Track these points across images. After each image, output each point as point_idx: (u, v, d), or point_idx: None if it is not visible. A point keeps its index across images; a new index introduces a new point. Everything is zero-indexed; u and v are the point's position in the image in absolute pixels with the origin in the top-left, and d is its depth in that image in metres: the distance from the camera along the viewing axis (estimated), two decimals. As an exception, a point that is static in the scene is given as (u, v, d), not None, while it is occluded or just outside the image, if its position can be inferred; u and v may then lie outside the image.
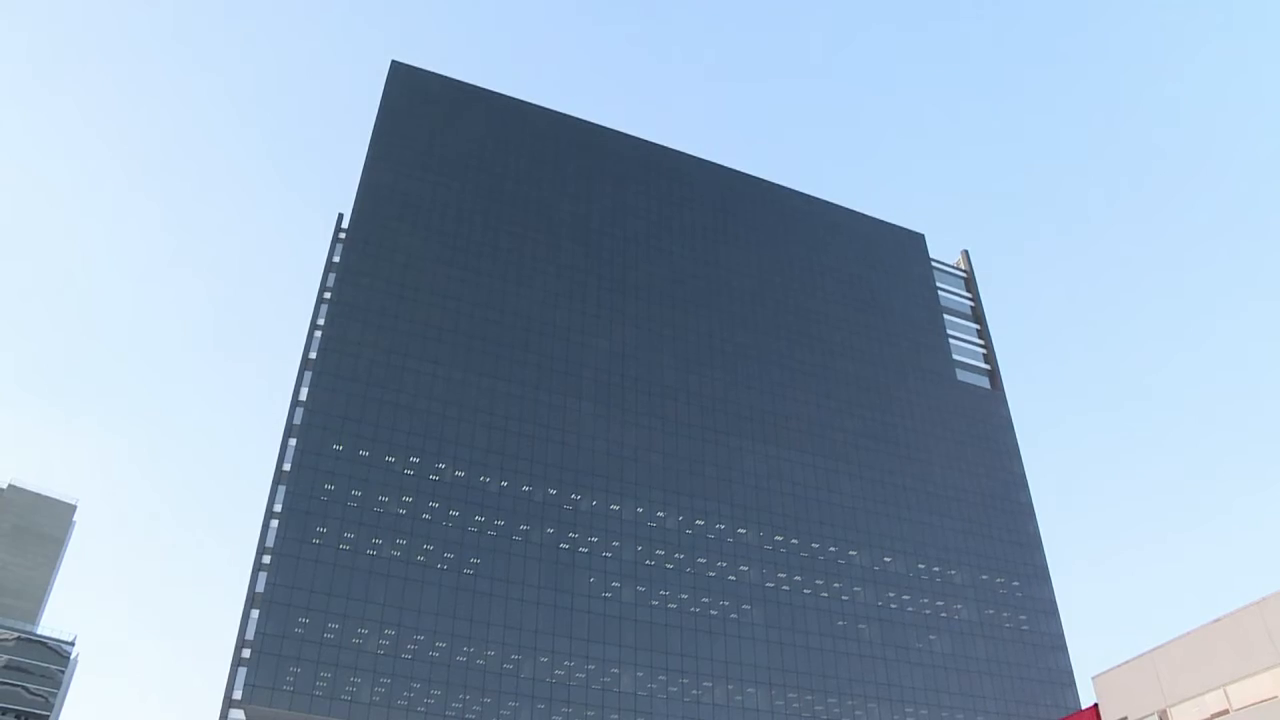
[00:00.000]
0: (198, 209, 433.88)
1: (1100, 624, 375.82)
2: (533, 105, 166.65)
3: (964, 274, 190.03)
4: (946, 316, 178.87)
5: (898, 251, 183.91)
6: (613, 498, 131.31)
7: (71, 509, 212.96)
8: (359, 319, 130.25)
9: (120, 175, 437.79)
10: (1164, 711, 68.85)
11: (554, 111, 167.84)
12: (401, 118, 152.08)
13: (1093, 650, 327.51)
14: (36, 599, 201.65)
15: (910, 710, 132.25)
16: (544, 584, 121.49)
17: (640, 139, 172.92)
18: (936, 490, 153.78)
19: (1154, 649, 70.57)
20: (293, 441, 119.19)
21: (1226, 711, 63.94)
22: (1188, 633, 68.22)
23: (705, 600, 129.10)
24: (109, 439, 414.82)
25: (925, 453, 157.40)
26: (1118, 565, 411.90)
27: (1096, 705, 76.93)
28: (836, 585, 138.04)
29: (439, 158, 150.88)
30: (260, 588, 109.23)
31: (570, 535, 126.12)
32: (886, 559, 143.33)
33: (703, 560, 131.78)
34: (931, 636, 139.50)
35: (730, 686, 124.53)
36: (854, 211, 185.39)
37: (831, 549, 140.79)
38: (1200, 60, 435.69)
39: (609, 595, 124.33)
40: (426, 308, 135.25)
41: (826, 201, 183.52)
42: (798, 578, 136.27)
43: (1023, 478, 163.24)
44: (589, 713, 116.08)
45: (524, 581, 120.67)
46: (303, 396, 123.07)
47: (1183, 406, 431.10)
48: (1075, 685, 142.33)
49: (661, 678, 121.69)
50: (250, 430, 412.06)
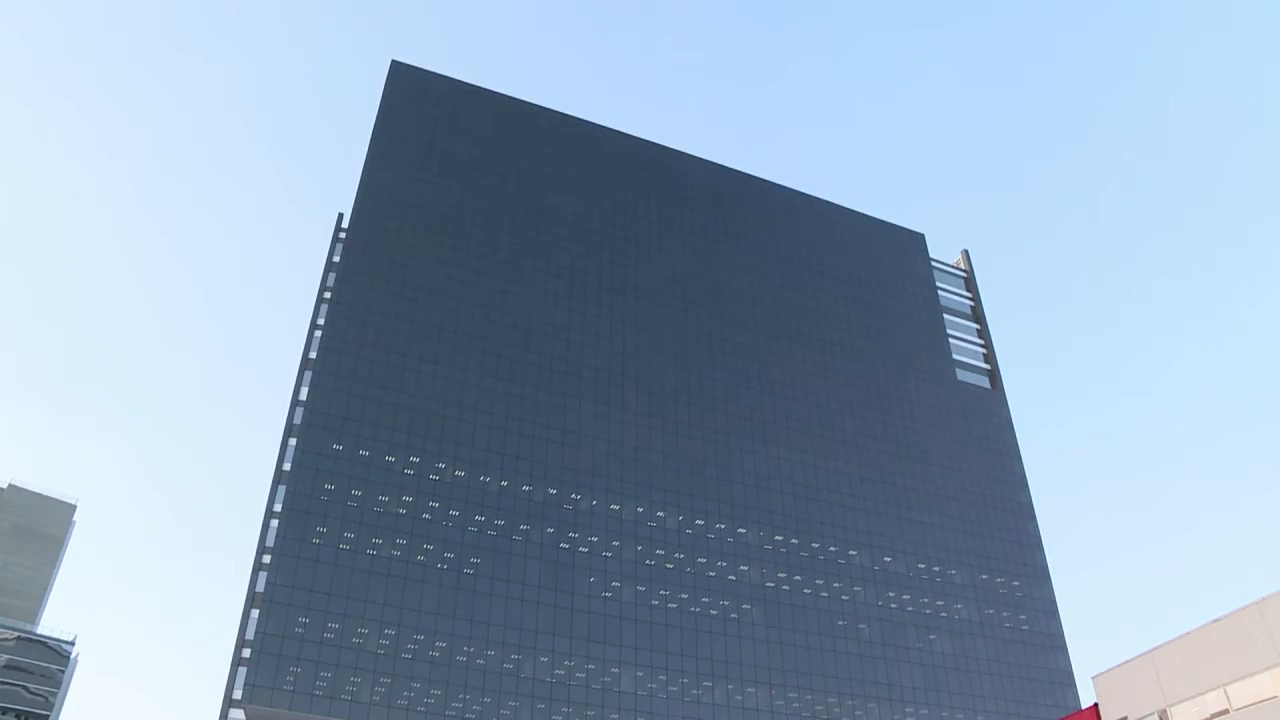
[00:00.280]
0: (198, 209, 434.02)
1: (1100, 624, 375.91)
2: (533, 105, 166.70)
3: (964, 274, 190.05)
4: (946, 316, 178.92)
5: (898, 251, 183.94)
6: (613, 497, 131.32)
7: (71, 509, 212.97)
8: (359, 319, 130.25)
9: (120, 175, 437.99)
10: (1164, 711, 68.86)
11: (554, 111, 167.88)
12: (402, 118, 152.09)
13: (1093, 650, 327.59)
14: (36, 599, 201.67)
15: (910, 710, 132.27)
16: (544, 584, 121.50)
17: (641, 139, 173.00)
18: (936, 490, 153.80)
19: (1154, 649, 70.55)
20: (293, 441, 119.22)
21: (1226, 711, 63.94)
22: (1188, 632, 68.20)
23: (705, 600, 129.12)
24: (109, 439, 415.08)
25: (925, 453, 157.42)
26: (1118, 565, 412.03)
27: (1096, 705, 76.97)
28: (836, 585, 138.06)
29: (439, 158, 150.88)
30: (260, 587, 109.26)
31: (570, 535, 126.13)
32: (886, 559, 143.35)
33: (703, 560, 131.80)
34: (931, 636, 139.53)
35: (730, 686, 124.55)
36: (854, 211, 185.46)
37: (831, 549, 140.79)
38: (1201, 61, 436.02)
39: (609, 595, 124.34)
40: (427, 307, 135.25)
41: (827, 201, 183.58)
42: (798, 577, 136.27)
43: (1022, 478, 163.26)
44: (589, 712, 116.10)
45: (524, 581, 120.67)
46: (303, 396, 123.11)
47: (1183, 407, 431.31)
48: (1075, 685, 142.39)
49: (661, 677, 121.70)
50: (250, 430, 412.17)
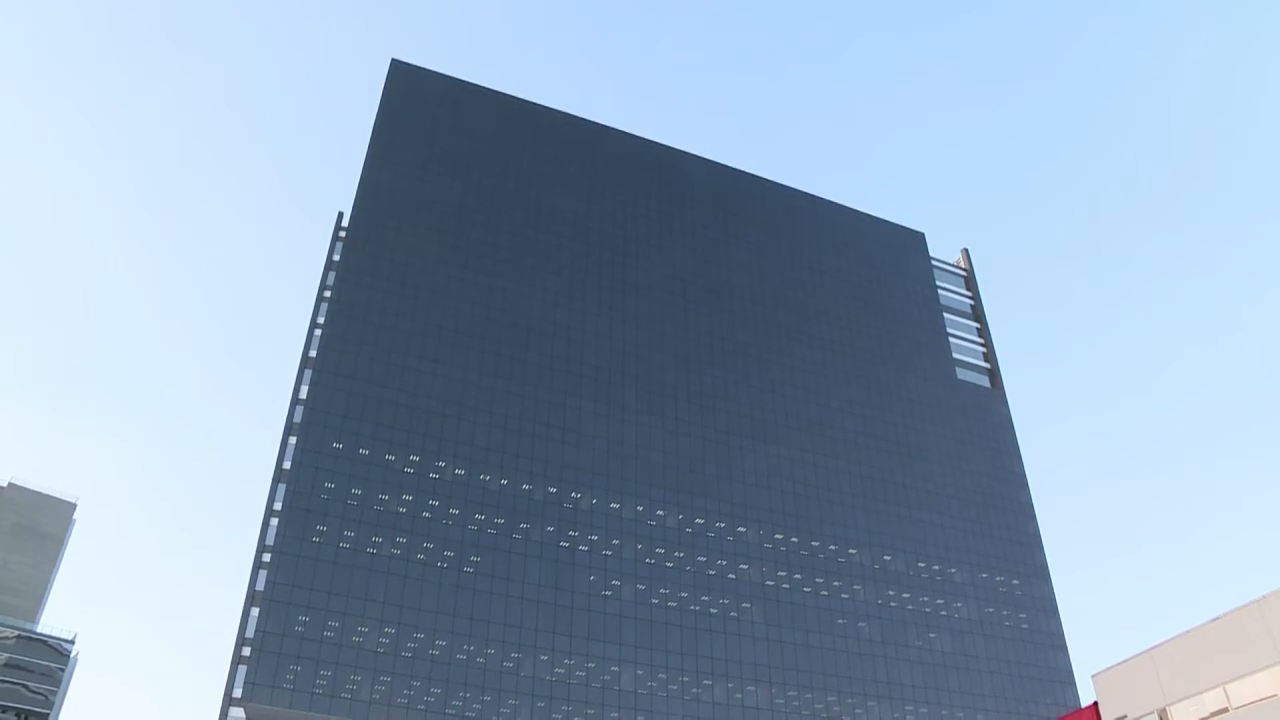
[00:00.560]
0: (197, 208, 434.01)
1: (1100, 623, 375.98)
2: (533, 104, 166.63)
3: (964, 273, 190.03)
4: (946, 315, 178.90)
5: (898, 250, 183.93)
6: (613, 496, 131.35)
7: (71, 507, 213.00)
8: (359, 318, 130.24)
9: (119, 175, 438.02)
10: (1163, 710, 68.87)
11: (554, 110, 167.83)
12: (402, 116, 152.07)
13: (1093, 649, 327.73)
14: (37, 597, 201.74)
15: (910, 708, 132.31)
16: (544, 582, 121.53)
17: (641, 138, 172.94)
18: (936, 489, 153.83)
19: (1154, 647, 70.56)
20: (293, 440, 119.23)
21: (1226, 710, 63.95)
22: (1187, 631, 68.22)
23: (705, 598, 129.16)
24: (109, 438, 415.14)
25: (925, 451, 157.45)
26: (1118, 564, 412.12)
27: (1096, 704, 77.01)
28: (836, 583, 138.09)
29: (439, 156, 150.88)
30: (260, 586, 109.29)
31: (570, 533, 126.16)
32: (886, 557, 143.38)
33: (702, 558, 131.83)
34: (931, 635, 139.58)
35: (730, 684, 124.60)
36: (854, 210, 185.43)
37: (831, 547, 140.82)
38: (1201, 61, 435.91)
39: (609, 593, 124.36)
40: (427, 306, 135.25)
41: (827, 200, 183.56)
42: (797, 576, 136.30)
43: (1022, 477, 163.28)
44: (589, 711, 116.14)
45: (524, 580, 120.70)
46: (303, 395, 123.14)
47: (1183, 406, 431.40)
48: (1075, 684, 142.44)
49: (661, 676, 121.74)
50: (250, 429, 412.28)
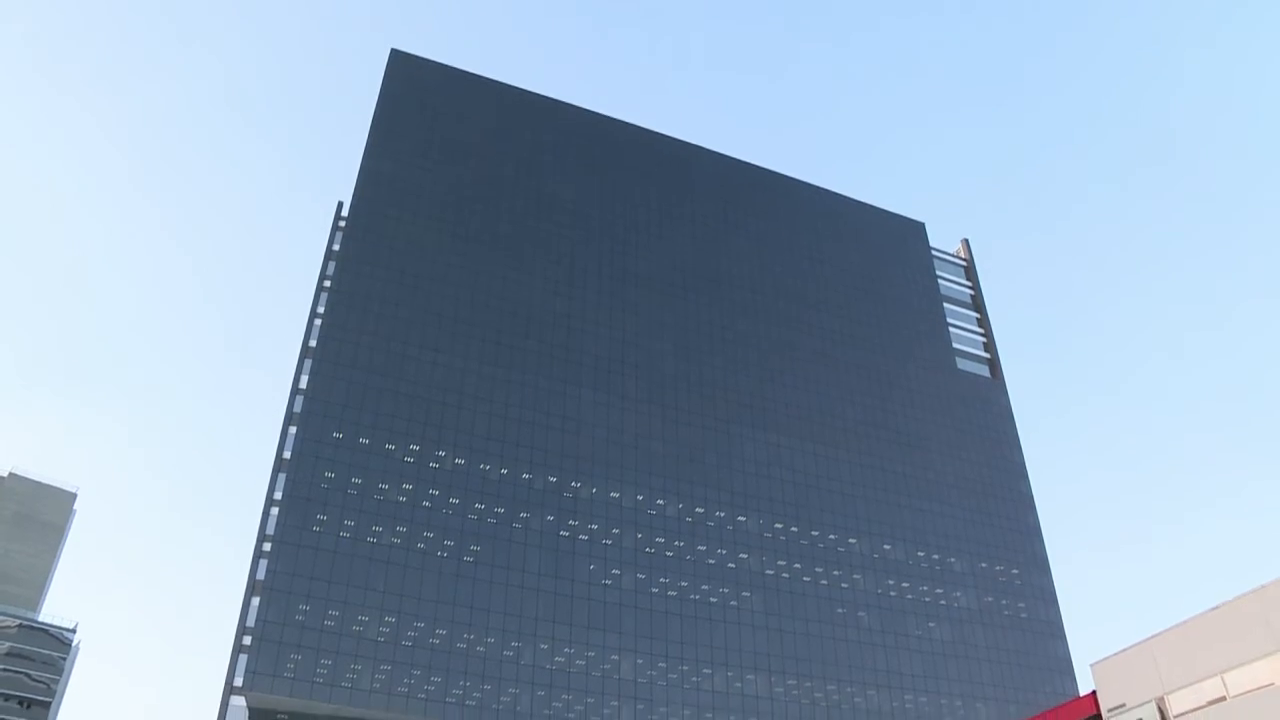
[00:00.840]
0: (197, 198, 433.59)
1: (1099, 612, 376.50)
2: (533, 94, 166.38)
3: (964, 263, 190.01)
4: (947, 305, 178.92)
5: (898, 240, 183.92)
6: (612, 485, 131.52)
7: (72, 497, 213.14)
8: (359, 307, 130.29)
9: (117, 165, 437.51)
10: (1161, 699, 68.97)
11: (554, 100, 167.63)
12: (401, 106, 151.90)
13: (1091, 638, 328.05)
14: (38, 586, 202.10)
15: (909, 697, 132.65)
16: (544, 571, 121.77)
17: (641, 127, 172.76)
18: (936, 479, 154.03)
19: (1152, 636, 70.58)
20: (293, 429, 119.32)
21: (1223, 698, 64.03)
22: (1186, 620, 68.22)
23: (705, 588, 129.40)
24: (109, 428, 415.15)
25: (925, 441, 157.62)
26: (1117, 553, 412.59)
27: (1094, 692, 77.19)
28: (836, 573, 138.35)
29: (439, 146, 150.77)
30: (261, 575, 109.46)
31: (570, 523, 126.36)
32: (886, 546, 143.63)
33: (702, 548, 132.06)
34: (931, 624, 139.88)
35: (730, 673, 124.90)
36: (855, 200, 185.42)
37: (831, 536, 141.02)
38: (1203, 53, 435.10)
39: (609, 582, 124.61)
40: (426, 295, 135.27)
41: (827, 190, 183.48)
42: (797, 565, 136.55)
43: (1022, 467, 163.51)
44: (588, 699, 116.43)
45: (524, 569, 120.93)
46: (303, 384, 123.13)
47: (1184, 395, 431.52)
48: (1074, 673, 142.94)
49: (661, 664, 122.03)
50: (250, 418, 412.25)
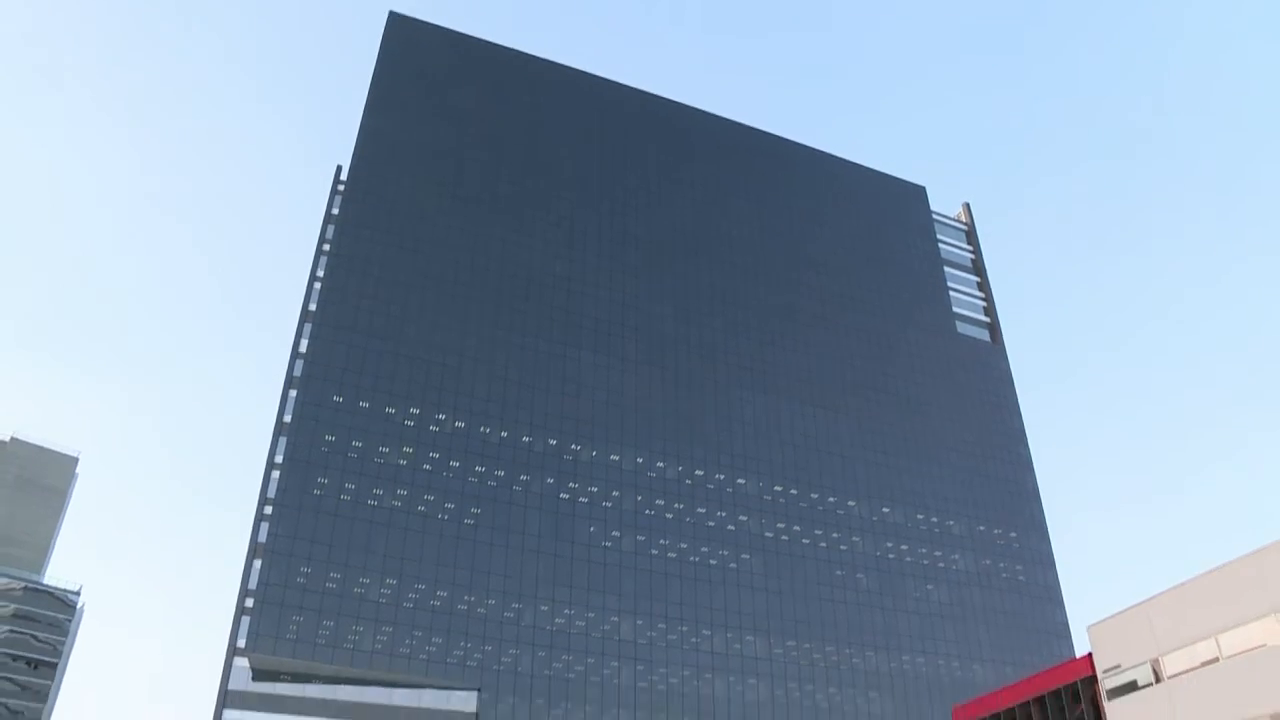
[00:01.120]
0: (196, 162, 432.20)
1: (1096, 575, 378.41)
2: (532, 56, 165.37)
3: (965, 227, 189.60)
4: (947, 269, 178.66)
5: (899, 204, 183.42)
6: (612, 448, 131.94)
7: (74, 461, 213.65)
8: (358, 270, 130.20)
9: (114, 128, 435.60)
10: (1156, 660, 69.62)
11: (553, 62, 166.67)
12: (400, 70, 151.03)
13: (1089, 602, 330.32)
14: (41, 550, 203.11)
15: (907, 658, 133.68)
16: (544, 533, 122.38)
17: (640, 90, 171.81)
18: (935, 442, 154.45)
19: (1148, 599, 71.25)
20: (293, 393, 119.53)
21: (1216, 659, 64.67)
22: (1182, 584, 68.86)
23: (704, 550, 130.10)
24: (110, 393, 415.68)
25: (925, 405, 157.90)
26: (1115, 517, 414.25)
27: (1090, 654, 77.85)
28: (835, 535, 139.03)
29: (437, 110, 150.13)
30: (262, 538, 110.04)
31: (570, 485, 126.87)
32: (885, 509, 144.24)
33: (702, 510, 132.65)
34: (929, 586, 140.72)
35: (729, 634, 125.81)
36: (855, 164, 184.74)
37: (830, 499, 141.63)
38: (1205, 12, 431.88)
39: (609, 544, 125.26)
40: (426, 258, 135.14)
41: (828, 153, 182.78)
42: (796, 527, 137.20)
43: (1021, 431, 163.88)
44: (589, 660, 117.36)
45: (524, 531, 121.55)
46: (303, 348, 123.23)
47: (1183, 358, 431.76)
48: (1070, 635, 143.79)
49: (661, 626, 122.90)
50: (251, 382, 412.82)
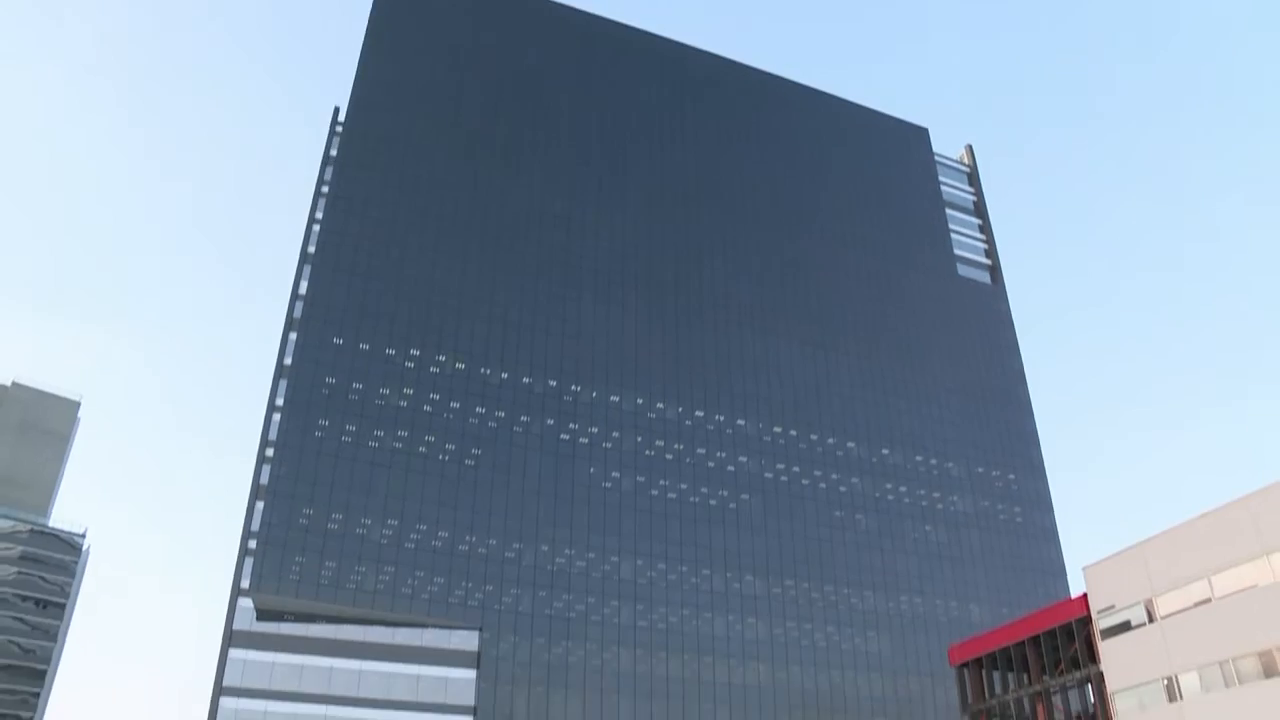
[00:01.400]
0: (192, 107, 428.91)
1: (1094, 517, 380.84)
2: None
3: (967, 169, 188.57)
4: (949, 211, 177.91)
5: (901, 146, 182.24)
6: (612, 389, 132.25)
7: (75, 405, 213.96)
8: (357, 212, 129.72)
9: (110, 73, 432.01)
10: (1149, 600, 70.40)
11: (553, 2, 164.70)
12: (398, 9, 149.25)
13: (1085, 542, 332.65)
14: (46, 493, 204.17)
15: (905, 598, 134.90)
16: (544, 474, 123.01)
17: (641, 30, 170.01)
18: (935, 384, 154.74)
19: (1143, 541, 71.95)
20: (293, 335, 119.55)
21: (1209, 600, 65.41)
22: (1176, 526, 69.48)
23: (704, 490, 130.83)
24: (111, 337, 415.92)
25: (925, 347, 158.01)
26: (1113, 459, 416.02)
27: (1085, 594, 78.65)
28: (834, 476, 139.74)
29: (436, 50, 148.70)
30: (264, 480, 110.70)
31: (570, 426, 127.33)
32: (884, 451, 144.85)
33: (702, 451, 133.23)
34: (927, 527, 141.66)
35: (729, 574, 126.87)
36: (857, 105, 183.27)
37: (830, 440, 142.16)
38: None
39: (609, 485, 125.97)
40: (425, 200, 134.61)
41: (829, 95, 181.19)
42: (796, 468, 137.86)
43: (1021, 373, 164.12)
44: (589, 599, 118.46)
45: (524, 472, 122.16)
46: (302, 290, 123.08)
47: (1182, 302, 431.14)
48: (1066, 576, 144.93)
49: (661, 566, 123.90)
50: (252, 325, 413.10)
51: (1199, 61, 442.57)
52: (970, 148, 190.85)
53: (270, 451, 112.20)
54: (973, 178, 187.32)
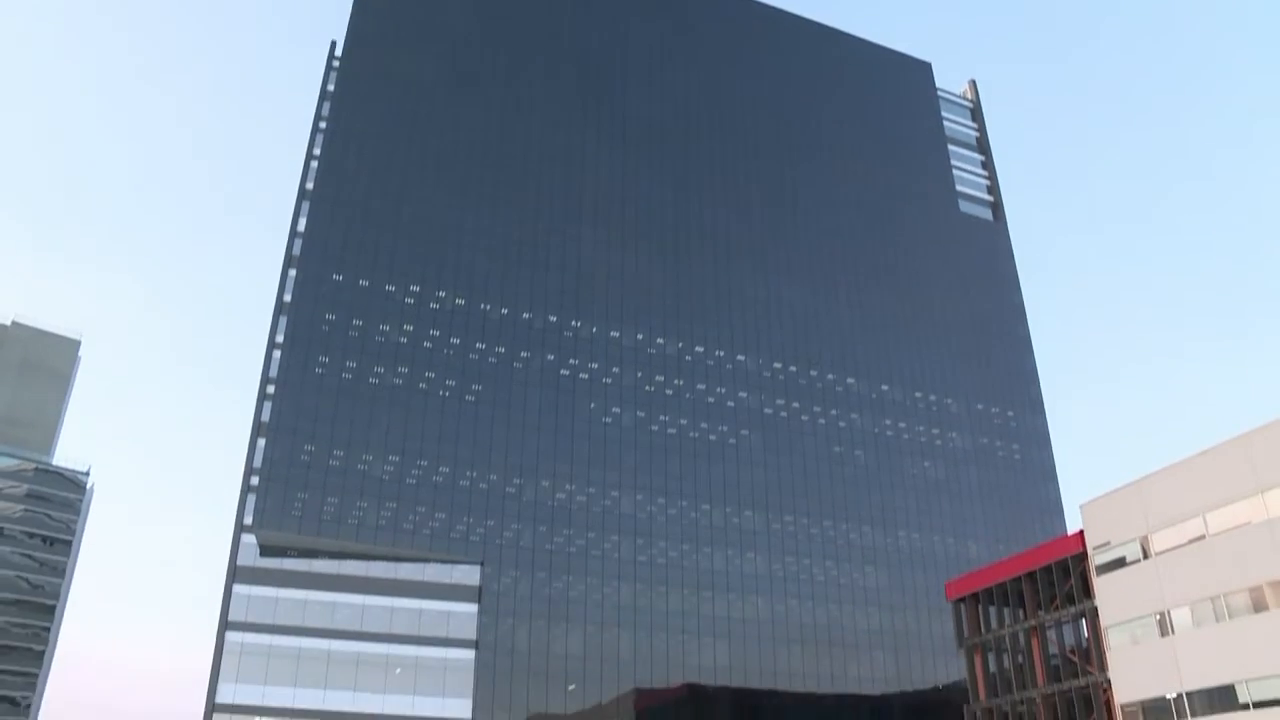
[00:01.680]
0: (188, 38, 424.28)
1: (1092, 453, 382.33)
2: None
3: (970, 104, 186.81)
4: (951, 147, 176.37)
5: (903, 81, 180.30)
6: (612, 324, 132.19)
7: (76, 344, 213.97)
8: (354, 147, 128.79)
9: (109, 8, 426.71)
10: (1145, 537, 71.06)
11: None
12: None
13: (1083, 479, 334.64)
14: (49, 432, 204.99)
15: (903, 533, 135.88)
16: (544, 409, 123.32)
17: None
18: (935, 320, 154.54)
19: (1140, 479, 72.48)
20: (292, 272, 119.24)
21: (1203, 536, 66.04)
22: (1173, 464, 69.95)
23: (704, 425, 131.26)
24: (110, 275, 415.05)
25: (925, 283, 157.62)
26: (1112, 396, 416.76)
27: (1081, 531, 79.39)
28: (834, 412, 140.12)
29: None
30: (266, 417, 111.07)
31: (570, 361, 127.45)
32: (884, 387, 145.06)
33: (701, 386, 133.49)
34: (926, 463, 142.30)
35: (728, 509, 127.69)
36: (859, 39, 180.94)
37: (829, 376, 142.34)
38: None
39: (609, 420, 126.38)
40: (423, 134, 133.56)
41: (831, 28, 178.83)
42: (795, 404, 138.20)
43: (1021, 310, 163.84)
44: (590, 534, 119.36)
45: (525, 407, 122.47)
46: (301, 227, 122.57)
47: (1187, 238, 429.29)
48: (1063, 513, 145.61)
49: (660, 500, 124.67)
50: (251, 262, 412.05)
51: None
52: (974, 83, 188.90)
53: (271, 389, 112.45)
54: (975, 113, 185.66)
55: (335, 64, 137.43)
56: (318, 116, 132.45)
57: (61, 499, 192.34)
